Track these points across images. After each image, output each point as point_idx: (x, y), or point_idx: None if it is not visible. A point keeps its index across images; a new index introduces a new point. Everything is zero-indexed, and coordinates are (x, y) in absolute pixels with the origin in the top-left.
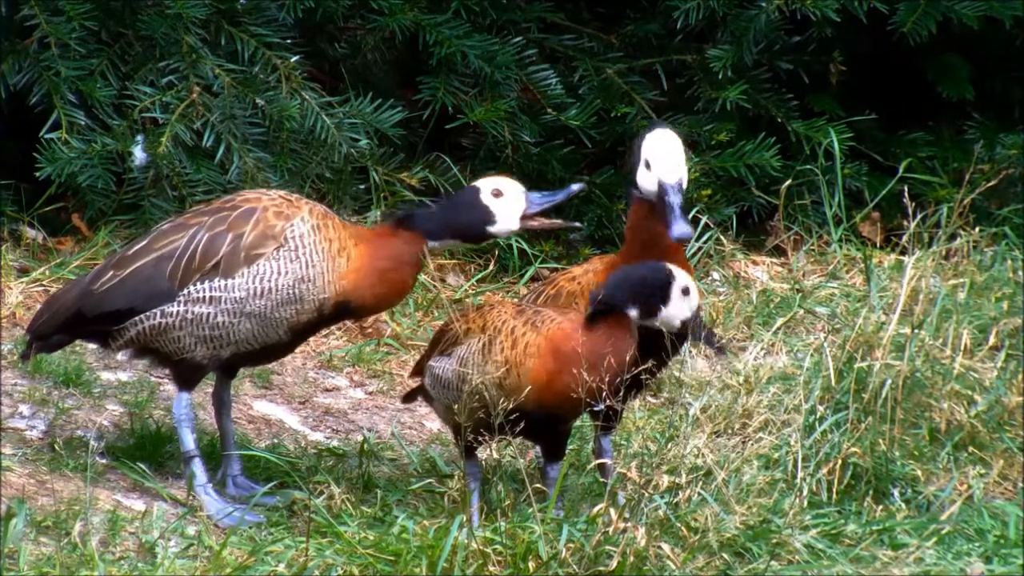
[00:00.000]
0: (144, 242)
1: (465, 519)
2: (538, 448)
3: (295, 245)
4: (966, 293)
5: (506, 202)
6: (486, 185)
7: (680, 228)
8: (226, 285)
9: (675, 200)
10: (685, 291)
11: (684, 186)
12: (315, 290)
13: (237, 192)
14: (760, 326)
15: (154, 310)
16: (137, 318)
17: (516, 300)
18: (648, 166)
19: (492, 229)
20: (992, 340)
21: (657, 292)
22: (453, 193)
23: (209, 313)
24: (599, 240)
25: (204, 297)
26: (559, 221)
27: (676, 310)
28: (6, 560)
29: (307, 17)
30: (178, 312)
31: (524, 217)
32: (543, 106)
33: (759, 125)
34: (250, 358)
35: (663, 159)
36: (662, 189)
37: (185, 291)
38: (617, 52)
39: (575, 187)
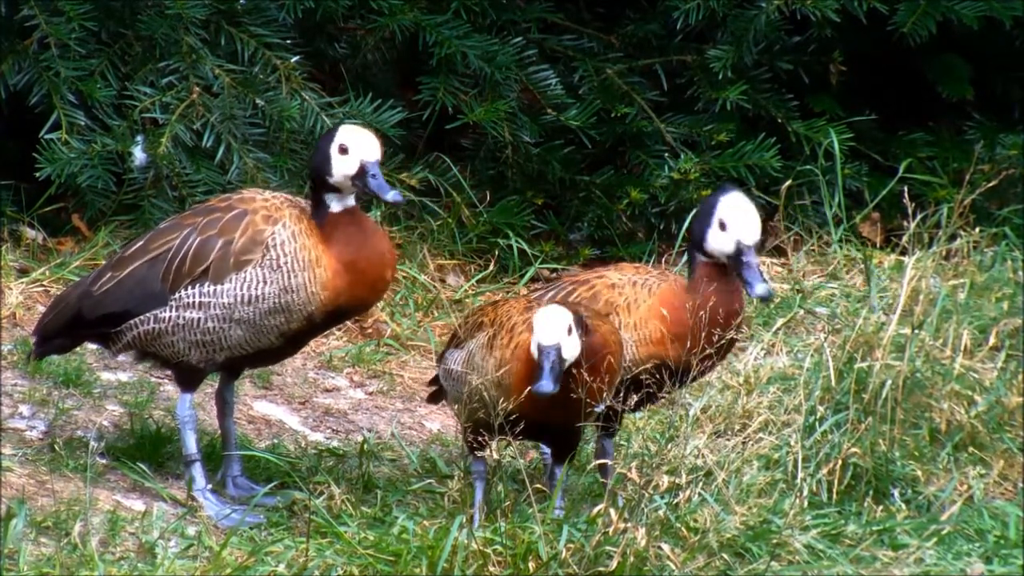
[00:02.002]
0: (141, 243)
1: (466, 518)
2: (542, 447)
3: (276, 254)
4: (966, 293)
5: (344, 160)
6: (340, 136)
7: (762, 287)
8: (215, 291)
9: (755, 261)
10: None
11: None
12: (300, 301)
13: (236, 190)
14: (760, 326)
15: (148, 314)
16: (133, 321)
17: (531, 295)
18: (723, 226)
19: (330, 180)
20: (992, 340)
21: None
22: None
23: (199, 318)
24: (599, 240)
25: (194, 302)
26: (386, 198)
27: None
28: (6, 560)
29: (307, 17)
30: (170, 317)
31: (352, 181)
32: (543, 106)
33: (759, 125)
34: (248, 361)
35: (741, 223)
36: (740, 249)
37: (176, 295)
38: (617, 52)
39: (392, 196)
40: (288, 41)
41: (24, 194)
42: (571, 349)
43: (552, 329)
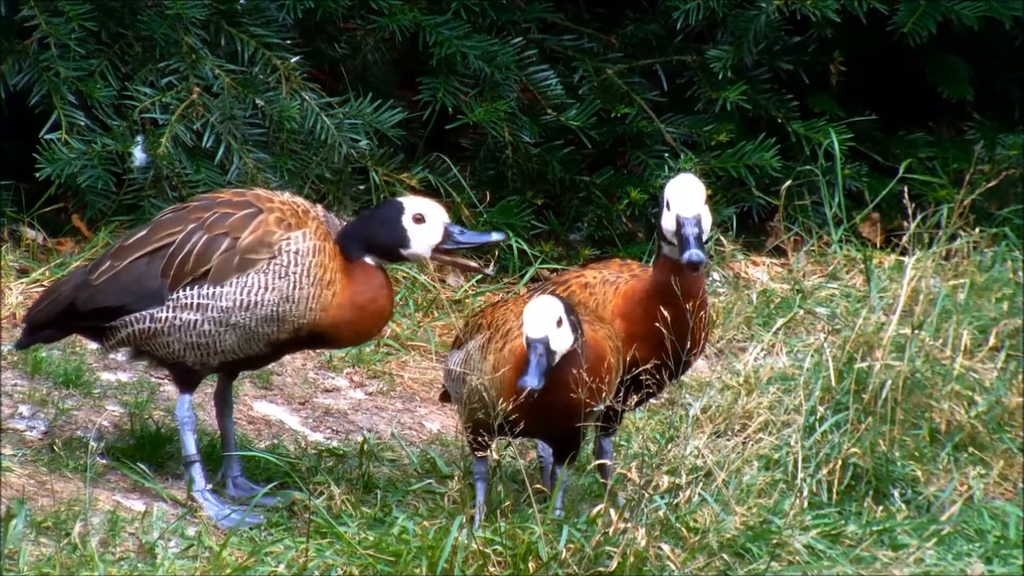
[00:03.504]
0: (143, 233)
1: (466, 518)
2: (542, 447)
3: (287, 260)
4: (966, 294)
5: (425, 230)
6: (411, 206)
7: (692, 252)
8: (214, 293)
9: (691, 231)
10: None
11: (704, 221)
12: (296, 313)
13: (250, 187)
14: (760, 327)
15: (144, 313)
16: (128, 318)
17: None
18: (668, 206)
19: (404, 252)
20: (992, 341)
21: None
22: (377, 205)
23: (196, 320)
24: (599, 240)
25: (192, 304)
26: (471, 263)
27: None
28: (6, 560)
29: (307, 17)
30: (167, 318)
31: (437, 249)
32: (543, 106)
33: (759, 125)
34: (240, 365)
35: (681, 198)
36: (679, 222)
37: (175, 295)
38: (617, 52)
39: (496, 236)
40: (288, 41)
41: (24, 194)
42: (561, 341)
43: (539, 322)
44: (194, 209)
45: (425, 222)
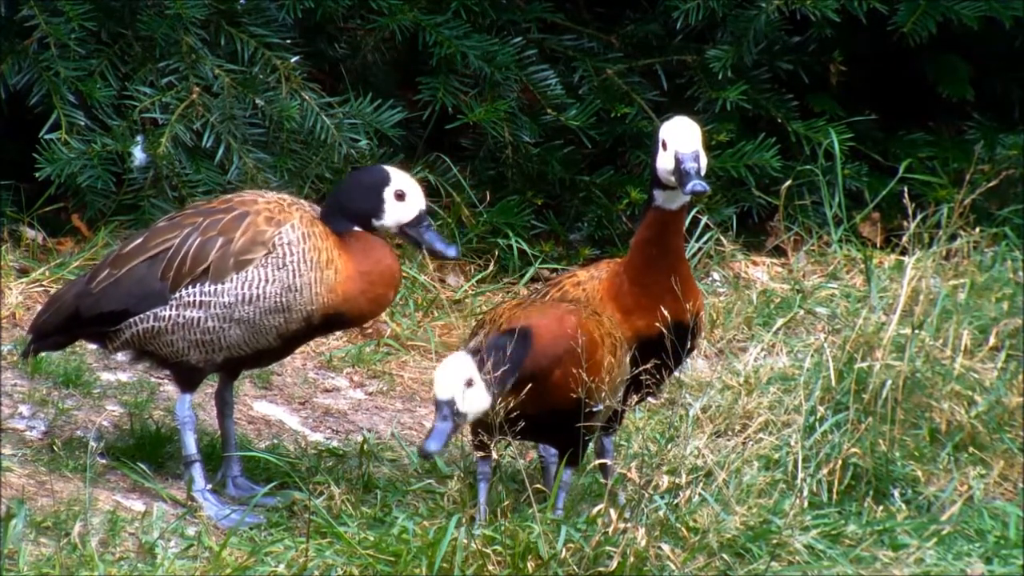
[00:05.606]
0: (139, 240)
1: (466, 517)
2: (543, 446)
3: (283, 252)
4: (966, 294)
5: (401, 207)
6: (396, 180)
7: (695, 183)
8: (215, 290)
9: (691, 166)
10: None
11: (701, 159)
12: (302, 300)
13: (236, 192)
14: (760, 327)
15: (147, 313)
16: (131, 320)
17: (523, 297)
18: (664, 146)
19: (375, 223)
20: (992, 341)
21: None
22: (360, 169)
23: (199, 317)
24: (599, 240)
25: (194, 301)
26: (434, 246)
27: None
28: (6, 561)
29: (307, 17)
30: (170, 316)
31: (402, 228)
32: (543, 106)
33: (759, 125)
34: (246, 362)
35: (679, 136)
36: (678, 159)
37: (177, 295)
38: (617, 52)
39: (453, 253)
40: (288, 41)
41: (24, 194)
42: (471, 402)
43: (446, 383)
44: (187, 216)
45: (405, 200)
